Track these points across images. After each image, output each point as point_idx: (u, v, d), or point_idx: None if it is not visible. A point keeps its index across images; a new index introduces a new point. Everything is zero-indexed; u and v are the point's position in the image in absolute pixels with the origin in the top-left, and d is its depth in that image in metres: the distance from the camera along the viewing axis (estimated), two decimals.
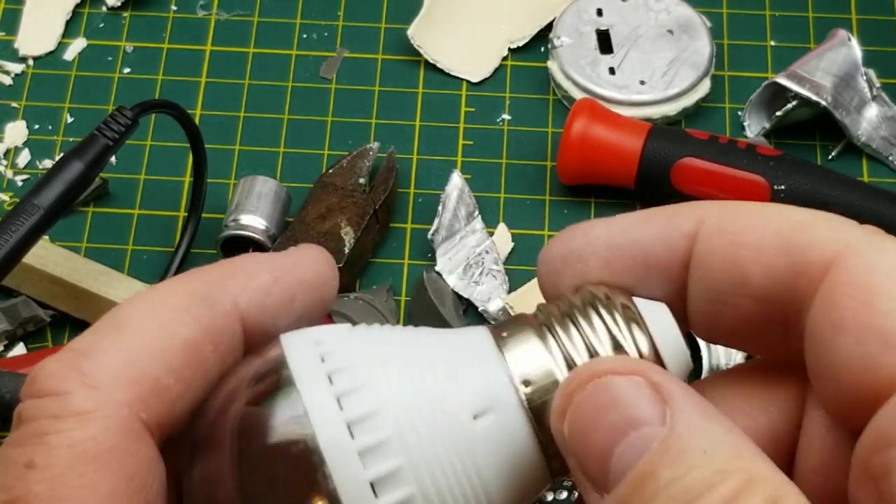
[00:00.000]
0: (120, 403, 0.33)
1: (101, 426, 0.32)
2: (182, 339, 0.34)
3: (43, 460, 0.32)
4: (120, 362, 0.33)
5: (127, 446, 0.32)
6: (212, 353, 0.34)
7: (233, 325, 0.35)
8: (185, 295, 0.35)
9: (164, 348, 0.34)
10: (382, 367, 0.34)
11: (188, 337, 0.34)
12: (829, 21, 0.95)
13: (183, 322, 0.34)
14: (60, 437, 0.32)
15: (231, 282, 0.35)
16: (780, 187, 0.84)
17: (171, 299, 0.34)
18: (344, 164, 0.87)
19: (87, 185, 0.77)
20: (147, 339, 0.34)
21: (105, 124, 0.77)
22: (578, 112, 0.86)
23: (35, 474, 0.32)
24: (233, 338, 0.35)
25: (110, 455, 0.32)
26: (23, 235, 0.74)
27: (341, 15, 0.96)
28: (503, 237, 0.86)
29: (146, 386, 0.33)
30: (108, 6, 0.95)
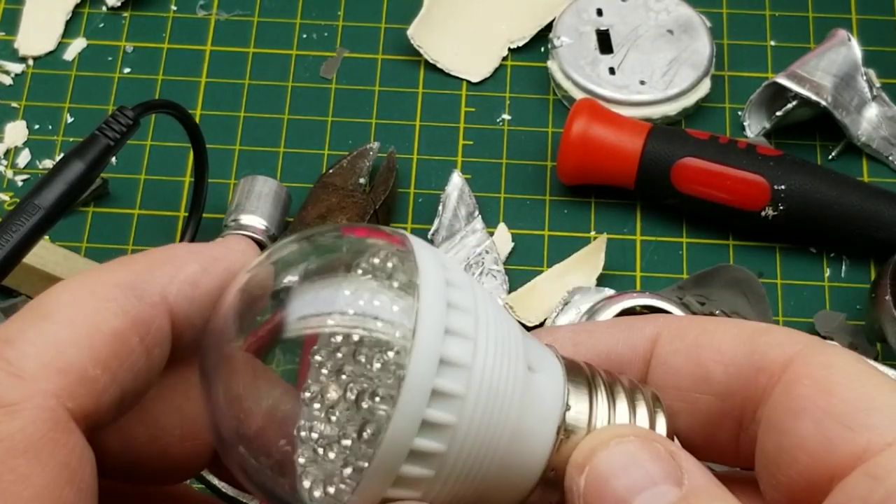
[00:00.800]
0: (47, 394, 0.32)
1: (30, 417, 0.31)
2: (110, 330, 0.33)
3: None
4: (46, 352, 0.32)
5: (57, 437, 0.32)
6: (138, 344, 0.34)
7: (161, 317, 0.34)
8: (113, 285, 0.34)
9: (91, 339, 0.33)
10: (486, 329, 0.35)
11: (116, 328, 0.33)
12: (829, 21, 0.95)
13: (111, 312, 0.33)
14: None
15: (159, 272, 0.35)
16: (780, 187, 0.84)
17: (99, 289, 0.34)
18: (344, 164, 0.87)
19: (87, 185, 0.77)
20: (74, 329, 0.33)
21: (106, 124, 0.77)
22: (578, 112, 0.86)
23: None
24: (160, 330, 0.34)
25: (41, 446, 0.31)
26: (23, 235, 0.74)
27: (341, 15, 0.96)
28: (503, 237, 0.86)
29: (73, 376, 0.32)
30: (108, 6, 0.95)
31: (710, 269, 0.83)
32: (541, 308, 0.82)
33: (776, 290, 0.85)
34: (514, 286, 0.84)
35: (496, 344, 0.34)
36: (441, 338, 0.33)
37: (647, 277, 0.85)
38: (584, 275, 0.83)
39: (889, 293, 0.80)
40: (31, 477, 0.31)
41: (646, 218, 0.87)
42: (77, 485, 0.32)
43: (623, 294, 0.81)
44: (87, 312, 0.33)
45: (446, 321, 0.33)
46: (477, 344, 0.34)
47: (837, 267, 0.86)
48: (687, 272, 0.85)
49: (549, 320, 0.81)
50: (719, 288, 0.82)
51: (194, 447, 0.37)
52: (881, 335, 0.80)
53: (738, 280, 0.82)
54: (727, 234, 0.87)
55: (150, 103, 0.80)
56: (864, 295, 0.84)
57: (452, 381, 0.33)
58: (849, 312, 0.83)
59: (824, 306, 0.84)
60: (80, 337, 0.33)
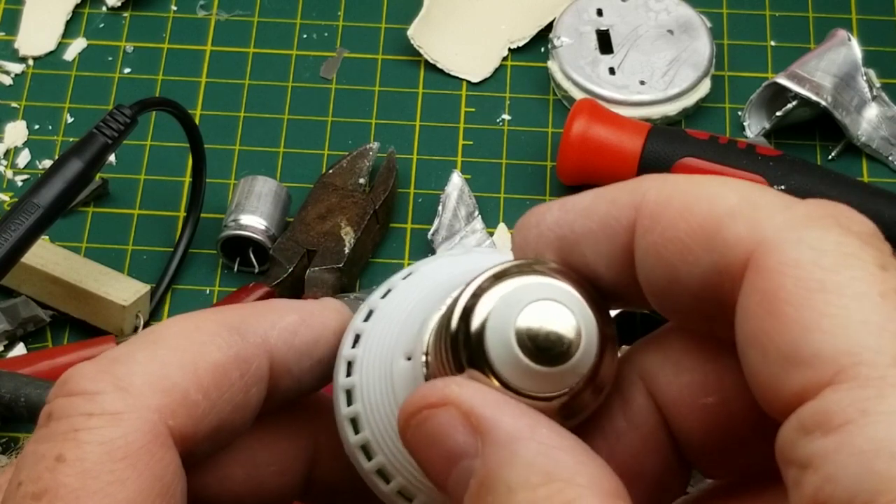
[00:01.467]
0: (150, 408, 0.34)
1: (132, 427, 0.33)
2: (213, 361, 0.35)
3: (73, 455, 0.33)
4: (153, 371, 0.34)
5: (155, 449, 0.33)
6: (238, 379, 0.36)
7: (261, 358, 0.36)
8: (220, 323, 0.36)
9: (195, 366, 0.35)
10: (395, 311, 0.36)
11: (219, 360, 0.35)
12: (829, 21, 0.95)
13: (215, 346, 0.36)
14: (91, 434, 0.33)
15: (263, 318, 0.37)
16: (780, 187, 0.84)
17: (207, 325, 0.36)
18: (344, 164, 0.86)
19: (86, 183, 0.77)
20: (180, 356, 0.35)
21: (104, 122, 0.77)
22: (578, 112, 0.86)
23: (65, 467, 0.33)
24: (259, 369, 0.36)
25: (139, 455, 0.33)
26: (22, 234, 0.74)
27: (341, 15, 0.96)
28: (503, 237, 0.86)
29: (176, 397, 0.34)
30: (108, 6, 0.95)
31: None
32: None
33: None
34: None
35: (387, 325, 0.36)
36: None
37: None
38: None
39: None
40: (126, 482, 0.33)
41: None
42: (167, 498, 0.34)
43: None
44: (194, 343, 0.35)
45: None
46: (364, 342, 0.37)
47: None
48: None
49: None
50: None
51: (289, 479, 0.39)
52: None
53: None
54: None
55: (148, 101, 0.80)
56: None
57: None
58: None
59: None
60: (185, 363, 0.35)
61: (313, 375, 0.38)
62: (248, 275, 0.84)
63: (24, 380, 0.74)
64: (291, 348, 0.37)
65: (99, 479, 0.33)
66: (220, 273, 0.85)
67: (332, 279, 0.82)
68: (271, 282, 0.82)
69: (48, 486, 0.32)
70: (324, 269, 0.82)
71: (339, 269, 0.82)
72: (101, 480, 0.33)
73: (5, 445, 0.79)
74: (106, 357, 0.35)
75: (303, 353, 0.37)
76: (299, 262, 0.82)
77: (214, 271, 0.85)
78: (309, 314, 0.38)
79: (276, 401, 0.37)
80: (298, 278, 0.82)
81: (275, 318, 0.37)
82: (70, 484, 0.32)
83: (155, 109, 0.82)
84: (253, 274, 0.84)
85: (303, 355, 0.37)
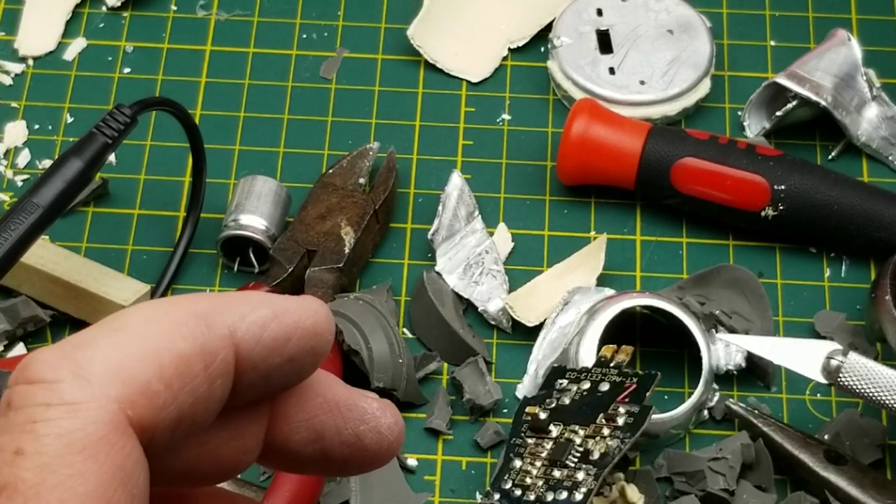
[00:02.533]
0: (110, 398, 0.33)
1: (91, 417, 0.33)
2: (177, 351, 0.34)
3: (32, 448, 0.32)
4: (114, 359, 0.34)
5: (115, 440, 0.33)
6: (202, 371, 0.35)
7: (227, 351, 0.35)
8: (186, 312, 0.35)
9: (158, 356, 0.34)
10: None
11: (183, 351, 0.35)
12: (829, 21, 0.95)
13: (180, 335, 0.35)
14: (49, 426, 0.32)
15: (233, 309, 0.36)
16: (780, 187, 0.84)
17: (173, 313, 0.35)
18: (344, 164, 0.86)
19: (86, 183, 0.77)
20: (143, 345, 0.34)
21: (104, 122, 0.77)
22: (578, 112, 0.86)
23: (24, 461, 0.32)
24: (224, 363, 0.35)
25: (99, 446, 0.33)
26: (22, 234, 0.74)
27: (341, 15, 0.96)
28: (503, 237, 0.86)
29: (136, 387, 0.34)
30: (108, 6, 0.95)
31: (710, 269, 0.83)
32: (541, 308, 0.82)
33: (776, 290, 0.85)
34: (514, 286, 0.84)
35: None
36: None
37: (647, 277, 0.85)
38: (584, 275, 0.83)
39: (889, 293, 0.80)
40: (86, 474, 0.32)
41: (646, 218, 0.87)
42: (130, 489, 0.33)
43: (623, 294, 0.81)
44: (158, 332, 0.35)
45: None
46: None
47: (837, 267, 0.86)
48: (687, 272, 0.85)
49: (549, 320, 0.81)
50: (719, 288, 0.82)
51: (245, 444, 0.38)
52: (881, 335, 0.80)
53: (738, 280, 0.82)
54: (727, 234, 0.87)
55: (148, 101, 0.80)
56: (864, 295, 0.84)
57: None
58: (849, 312, 0.83)
59: (824, 306, 0.84)
60: (147, 352, 0.34)
61: (282, 373, 0.37)
62: (248, 275, 0.84)
63: None
64: (258, 343, 0.36)
65: (58, 472, 0.32)
66: (220, 273, 0.85)
67: (332, 279, 0.82)
68: (271, 282, 0.82)
69: (7, 481, 0.32)
70: (324, 269, 0.82)
71: (339, 269, 0.82)
72: (60, 474, 0.32)
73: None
74: (67, 342, 0.34)
75: (271, 349, 0.36)
76: (299, 262, 0.82)
77: (214, 271, 0.85)
78: (282, 310, 0.37)
79: (241, 396, 0.36)
80: (298, 278, 0.82)
81: (245, 310, 0.36)
82: (29, 479, 0.32)
83: (155, 109, 0.82)
84: (253, 274, 0.84)
85: (271, 352, 0.36)
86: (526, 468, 0.71)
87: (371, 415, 0.39)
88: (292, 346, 0.37)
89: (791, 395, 0.81)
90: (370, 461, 0.39)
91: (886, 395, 0.74)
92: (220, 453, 0.37)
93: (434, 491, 0.78)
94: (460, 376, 0.80)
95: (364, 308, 0.80)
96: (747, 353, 0.79)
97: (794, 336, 0.82)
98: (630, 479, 0.76)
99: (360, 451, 0.39)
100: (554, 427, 0.72)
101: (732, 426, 0.79)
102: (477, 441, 0.79)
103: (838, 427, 0.78)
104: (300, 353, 0.37)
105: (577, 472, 0.69)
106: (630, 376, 0.72)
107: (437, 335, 0.82)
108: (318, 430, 0.38)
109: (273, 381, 0.37)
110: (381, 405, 0.39)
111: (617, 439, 0.69)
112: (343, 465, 0.39)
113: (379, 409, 0.39)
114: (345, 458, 0.38)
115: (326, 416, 0.38)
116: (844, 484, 0.75)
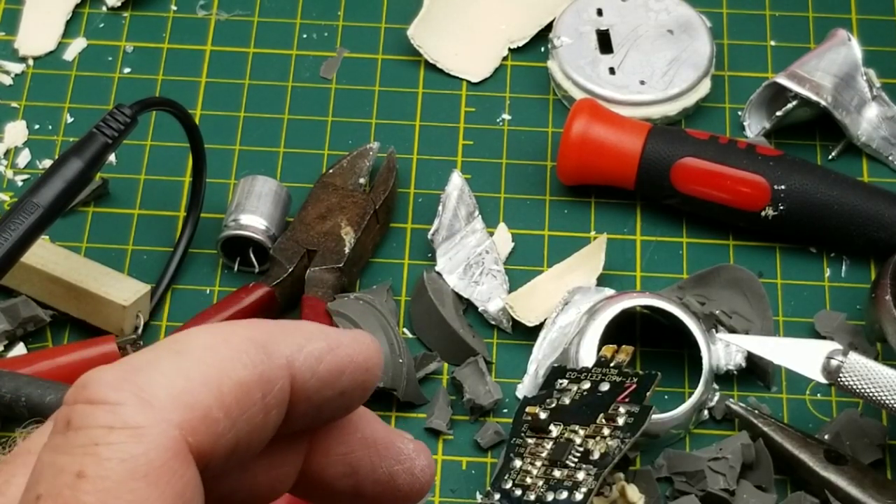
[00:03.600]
0: (172, 423, 0.33)
1: (154, 443, 0.32)
2: (237, 379, 0.34)
3: (94, 471, 0.32)
4: (176, 384, 0.33)
5: (177, 466, 0.33)
6: (260, 399, 0.35)
7: (284, 380, 0.35)
8: (246, 338, 0.35)
9: (219, 382, 0.34)
10: None
11: (243, 378, 0.34)
12: (829, 21, 0.95)
13: (240, 363, 0.34)
14: (112, 450, 0.32)
15: (290, 338, 0.36)
16: (780, 187, 0.84)
17: (233, 339, 0.35)
18: (344, 164, 0.86)
19: (86, 183, 0.77)
20: (205, 370, 0.34)
21: (104, 122, 0.77)
22: (578, 112, 0.86)
23: (86, 484, 0.32)
24: (281, 392, 0.35)
25: (160, 473, 0.32)
26: (22, 234, 0.74)
27: (341, 15, 0.96)
28: (503, 237, 0.86)
29: (198, 413, 0.33)
30: (108, 6, 0.95)
31: (710, 269, 0.83)
32: (541, 308, 0.82)
33: (776, 290, 0.85)
34: (514, 286, 0.84)
35: None
36: None
37: (647, 277, 0.85)
38: (584, 275, 0.83)
39: (889, 293, 0.80)
40: (148, 501, 0.32)
41: (646, 218, 0.87)
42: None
43: (623, 294, 0.81)
44: (220, 357, 0.34)
45: None
46: None
47: (837, 267, 0.86)
48: (687, 272, 0.85)
49: (549, 320, 0.81)
50: (719, 288, 0.82)
51: (282, 473, 0.38)
52: (881, 335, 0.80)
53: (738, 280, 0.82)
54: (727, 234, 0.87)
55: (148, 101, 0.80)
56: (864, 295, 0.84)
57: None
58: (849, 312, 0.83)
59: (824, 306, 0.84)
60: (209, 378, 0.34)
61: (332, 406, 0.37)
62: (248, 275, 0.84)
63: (25, 380, 0.74)
64: (314, 375, 0.36)
65: (120, 498, 0.32)
66: (220, 273, 0.85)
67: (332, 279, 0.82)
68: (271, 282, 0.82)
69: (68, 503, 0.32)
70: (324, 269, 0.82)
71: (339, 269, 0.82)
72: (122, 500, 0.32)
73: (5, 445, 0.79)
74: (127, 363, 0.34)
75: (325, 382, 0.36)
76: (299, 262, 0.82)
77: (214, 271, 0.85)
78: (337, 343, 0.37)
79: (290, 425, 0.36)
80: (298, 278, 0.82)
81: (302, 339, 0.36)
82: (90, 502, 0.32)
83: (155, 109, 0.82)
84: (253, 274, 0.84)
85: (325, 384, 0.36)
86: (526, 468, 0.71)
87: (406, 456, 0.39)
88: (345, 379, 0.37)
89: (791, 395, 0.81)
90: (400, 501, 0.39)
91: (886, 395, 0.74)
92: (257, 481, 0.37)
93: (434, 491, 0.78)
94: (460, 376, 0.80)
95: (364, 308, 0.80)
96: (747, 353, 0.79)
97: (794, 336, 0.82)
98: (630, 479, 0.76)
99: (392, 491, 0.39)
100: (554, 427, 0.72)
101: (732, 426, 0.79)
102: (477, 441, 0.79)
103: (838, 427, 0.78)
104: (351, 387, 0.37)
105: (577, 472, 0.69)
106: (630, 376, 0.72)
107: (437, 335, 0.82)
108: (353, 466, 0.38)
109: (322, 412, 0.37)
110: (416, 447, 0.39)
111: (617, 439, 0.69)
112: (372, 502, 0.39)
113: (415, 451, 0.39)
114: (376, 495, 0.38)
115: (363, 453, 0.38)
116: (844, 484, 0.75)
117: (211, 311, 0.81)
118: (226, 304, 0.81)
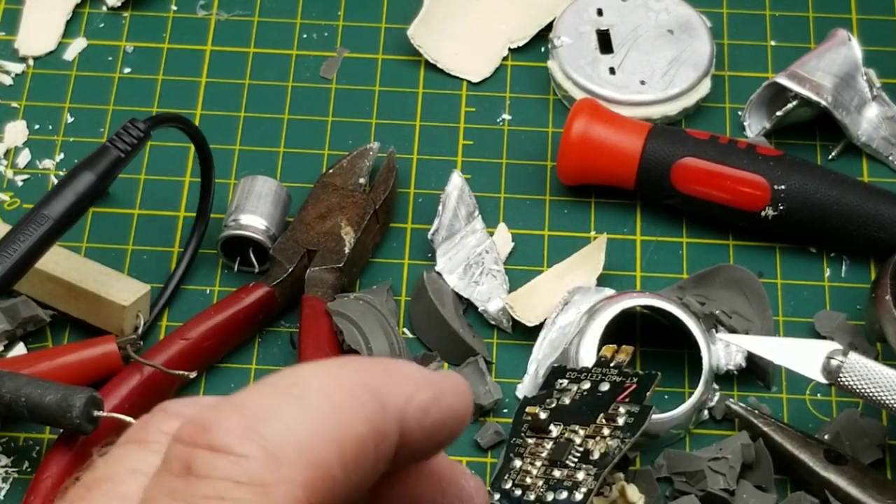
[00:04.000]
0: (297, 483, 0.32)
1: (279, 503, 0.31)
2: (356, 434, 0.33)
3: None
4: (303, 441, 0.32)
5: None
6: (372, 452, 0.33)
7: (395, 433, 0.34)
8: (360, 385, 0.34)
9: (341, 438, 0.33)
10: None
11: (361, 434, 0.33)
12: (829, 21, 0.95)
13: (359, 416, 0.33)
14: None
15: (401, 387, 0.35)
16: (780, 187, 0.84)
17: (348, 384, 0.34)
18: (344, 164, 0.87)
19: (97, 196, 0.78)
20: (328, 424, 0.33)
21: (117, 136, 0.78)
22: (578, 112, 0.86)
23: None
24: (392, 445, 0.34)
25: None
26: (32, 245, 0.74)
27: (341, 15, 0.96)
28: (503, 237, 0.86)
29: (321, 472, 0.32)
30: (108, 6, 0.95)
31: (710, 269, 0.83)
32: (541, 308, 0.82)
33: (776, 290, 0.85)
34: (514, 286, 0.84)
35: None
36: None
37: (647, 277, 0.85)
38: (584, 275, 0.83)
39: (889, 293, 0.80)
40: None
41: (646, 218, 0.87)
42: None
43: (623, 294, 0.81)
44: (339, 408, 0.33)
45: None
46: None
47: (837, 267, 0.86)
48: (687, 272, 0.85)
49: (549, 320, 0.81)
50: (719, 288, 0.82)
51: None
52: (881, 335, 0.80)
53: (738, 280, 0.82)
54: (727, 234, 0.87)
55: (161, 117, 0.81)
56: (864, 295, 0.84)
57: None
58: (849, 312, 0.83)
59: (824, 306, 0.84)
60: (332, 433, 0.32)
61: (426, 451, 0.36)
62: (248, 275, 0.84)
63: (25, 380, 0.74)
64: (422, 428, 0.35)
65: None
66: (220, 273, 0.85)
67: (332, 279, 0.82)
68: (271, 282, 0.82)
69: None
70: (324, 268, 0.82)
71: (339, 268, 0.82)
72: None
73: (5, 445, 0.79)
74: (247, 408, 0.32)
75: (429, 434, 0.35)
76: (299, 262, 0.82)
77: (214, 271, 0.85)
78: (439, 391, 0.35)
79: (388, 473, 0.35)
80: (298, 278, 0.82)
81: (411, 389, 0.35)
82: None
83: (167, 125, 0.81)
84: (253, 274, 0.84)
85: (428, 436, 0.35)
86: (526, 468, 0.71)
87: (467, 493, 0.38)
88: (445, 431, 0.36)
89: (791, 395, 0.81)
90: None
91: (886, 395, 0.74)
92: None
93: None
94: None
95: (364, 308, 0.80)
96: (747, 353, 0.79)
97: (794, 336, 0.82)
98: (630, 479, 0.76)
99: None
100: (554, 427, 0.72)
101: (732, 426, 0.79)
102: (477, 441, 0.79)
103: (838, 427, 0.78)
104: (448, 439, 0.36)
105: (577, 472, 0.69)
106: (630, 376, 0.72)
107: (437, 335, 0.82)
108: (416, 498, 0.38)
109: (415, 457, 0.36)
110: (476, 484, 0.38)
111: (617, 439, 0.69)
112: None
113: (475, 489, 0.38)
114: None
115: (427, 486, 0.38)
116: (844, 484, 0.75)
117: (211, 311, 0.81)
118: (226, 304, 0.81)
